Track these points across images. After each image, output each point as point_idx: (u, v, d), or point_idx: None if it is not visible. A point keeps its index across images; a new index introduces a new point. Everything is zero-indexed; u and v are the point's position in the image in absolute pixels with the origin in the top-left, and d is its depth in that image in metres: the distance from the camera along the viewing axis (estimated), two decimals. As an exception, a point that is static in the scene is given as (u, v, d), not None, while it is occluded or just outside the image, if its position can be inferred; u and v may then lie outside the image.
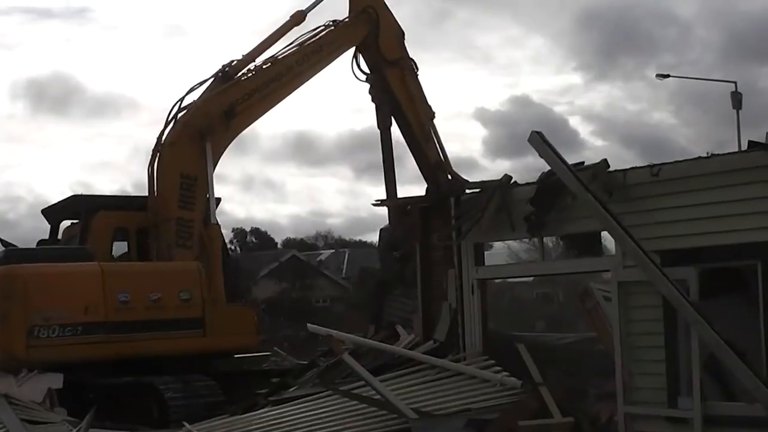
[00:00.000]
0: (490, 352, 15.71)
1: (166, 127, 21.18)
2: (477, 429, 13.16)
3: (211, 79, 21.47)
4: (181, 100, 21.27)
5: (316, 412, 14.55)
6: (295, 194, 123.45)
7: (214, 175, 21.19)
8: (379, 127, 22.60)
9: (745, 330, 12.07)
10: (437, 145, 22.92)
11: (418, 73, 23.11)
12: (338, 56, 22.71)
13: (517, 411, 13.55)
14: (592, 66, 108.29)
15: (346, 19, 22.69)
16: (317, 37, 22.38)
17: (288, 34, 22.35)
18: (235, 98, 21.38)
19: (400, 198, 17.78)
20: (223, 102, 21.26)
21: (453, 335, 16.16)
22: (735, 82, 45.92)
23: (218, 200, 22.06)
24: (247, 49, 22.01)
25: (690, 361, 12.25)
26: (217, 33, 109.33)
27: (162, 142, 21.08)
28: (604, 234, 14.04)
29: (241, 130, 22.08)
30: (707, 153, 12.98)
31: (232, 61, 21.60)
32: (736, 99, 44.88)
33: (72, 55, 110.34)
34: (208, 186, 20.92)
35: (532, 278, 25.62)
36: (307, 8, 22.90)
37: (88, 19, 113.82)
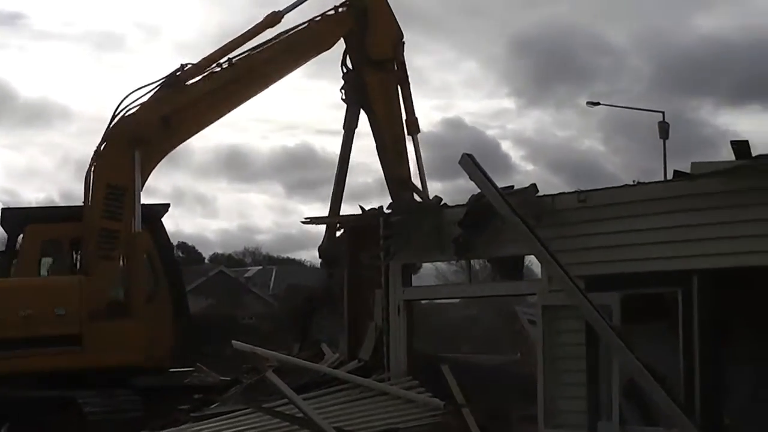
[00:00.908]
0: (415, 372, 15.78)
1: (108, 131, 20.56)
2: (399, 449, 13.19)
3: (159, 84, 20.29)
4: (119, 105, 20.11)
5: (239, 429, 14.50)
6: (224, 209, 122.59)
7: (145, 184, 20.70)
8: (343, 128, 20.63)
9: (665, 356, 12.27)
10: (410, 161, 20.74)
11: (408, 82, 20.91)
12: (313, 56, 20.86)
13: (439, 431, 13.63)
14: (524, 92, 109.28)
15: (326, 14, 20.64)
16: (288, 35, 20.52)
17: (260, 37, 20.56)
18: (177, 105, 20.20)
19: (329, 217, 17.78)
20: (160, 109, 20.15)
21: (378, 355, 16.19)
22: (663, 112, 46.60)
23: (167, 206, 21.68)
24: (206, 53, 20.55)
25: (611, 386, 12.42)
26: (152, 44, 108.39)
27: (97, 147, 20.59)
28: (531, 258, 14.21)
29: (185, 138, 20.99)
30: (633, 181, 13.20)
31: (185, 66, 20.32)
32: (663, 129, 45.54)
33: (4, 62, 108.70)
34: (135, 198, 20.37)
35: (459, 300, 25.70)
36: (284, 9, 20.79)
37: (20, 26, 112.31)
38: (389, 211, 16.26)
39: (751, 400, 12.98)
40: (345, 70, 20.63)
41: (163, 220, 21.57)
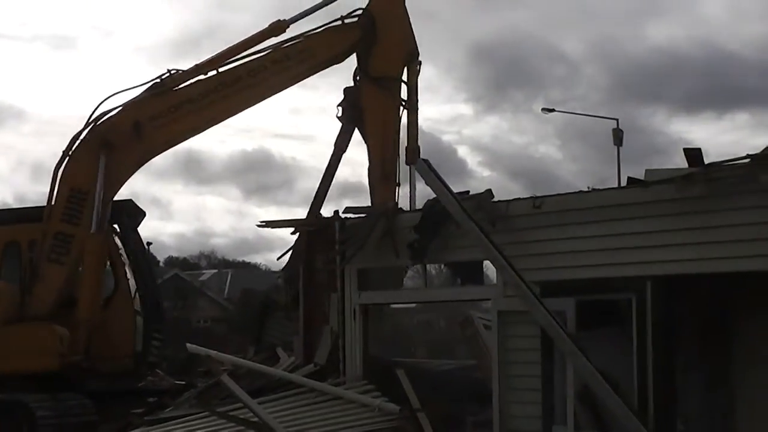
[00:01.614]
0: (371, 377, 15.75)
1: (79, 133, 20.11)
2: (354, 453, 13.15)
3: (144, 88, 19.49)
4: (98, 107, 19.57)
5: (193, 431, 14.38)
6: (180, 213, 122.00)
7: (117, 192, 20.21)
8: (333, 144, 19.20)
9: (619, 362, 12.33)
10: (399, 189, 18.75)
11: (417, 108, 19.06)
12: (312, 69, 19.30)
13: (394, 436, 13.60)
14: (481, 98, 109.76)
15: (330, 25, 19.14)
16: (286, 45, 19.18)
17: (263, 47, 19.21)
18: (154, 111, 19.37)
19: (285, 221, 17.68)
20: (135, 115, 19.42)
21: (334, 359, 16.14)
22: (617, 119, 46.95)
23: (143, 213, 21.39)
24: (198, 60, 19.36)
25: (565, 391, 12.45)
26: (107, 45, 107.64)
27: (66, 148, 20.14)
28: (487, 263, 14.23)
29: (158, 148, 19.92)
30: (588, 187, 13.28)
31: (172, 71, 19.44)
32: (617, 136, 45.90)
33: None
34: (95, 205, 19.89)
35: (414, 305, 25.69)
36: (290, 18, 19.29)
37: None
38: (345, 215, 16.23)
39: (701, 406, 13.06)
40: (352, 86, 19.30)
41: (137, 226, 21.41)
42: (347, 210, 16.41)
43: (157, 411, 16.78)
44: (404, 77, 19.01)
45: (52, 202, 19.94)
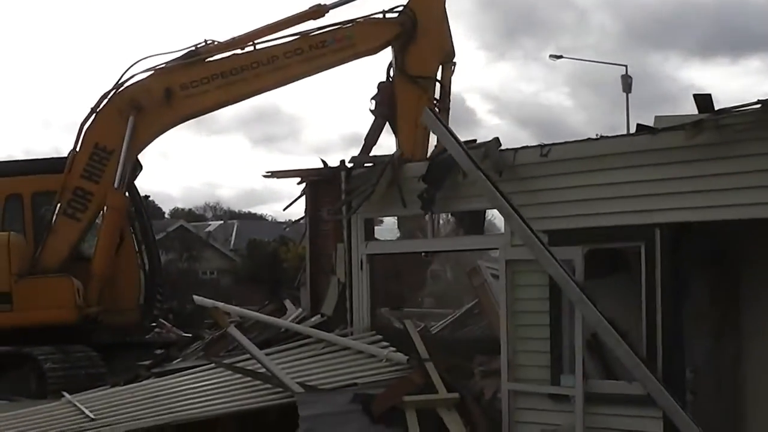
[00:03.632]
0: (378, 327, 15.82)
1: (109, 92, 20.25)
2: (362, 403, 13.23)
3: (177, 55, 19.88)
4: (129, 69, 20.06)
5: (200, 384, 14.46)
6: (186, 163, 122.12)
7: (140, 153, 20.35)
8: (364, 139, 19.81)
9: (628, 310, 12.36)
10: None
11: (448, 111, 19.58)
12: (347, 58, 19.72)
13: (402, 386, 13.66)
14: (493, 46, 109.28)
15: (371, 17, 19.66)
16: (322, 31, 19.69)
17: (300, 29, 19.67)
18: (186, 79, 19.76)
19: (290, 170, 17.69)
20: (168, 80, 19.83)
21: (341, 310, 16.21)
22: (625, 66, 46.83)
23: (140, 166, 21.48)
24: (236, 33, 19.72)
25: (573, 340, 12.49)
26: None
27: (95, 105, 20.27)
28: (494, 212, 14.22)
29: (186, 115, 20.31)
30: (597, 135, 13.18)
31: (208, 41, 19.86)
32: (626, 82, 45.77)
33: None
34: (120, 163, 19.99)
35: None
36: (331, 4, 19.82)
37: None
38: (351, 165, 16.20)
39: (710, 353, 13.11)
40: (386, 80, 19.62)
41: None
42: (354, 160, 16.40)
43: (164, 363, 16.91)
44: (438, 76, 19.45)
45: (74, 158, 20.09)
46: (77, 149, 20.07)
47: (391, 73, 19.82)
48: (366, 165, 16.06)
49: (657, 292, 11.95)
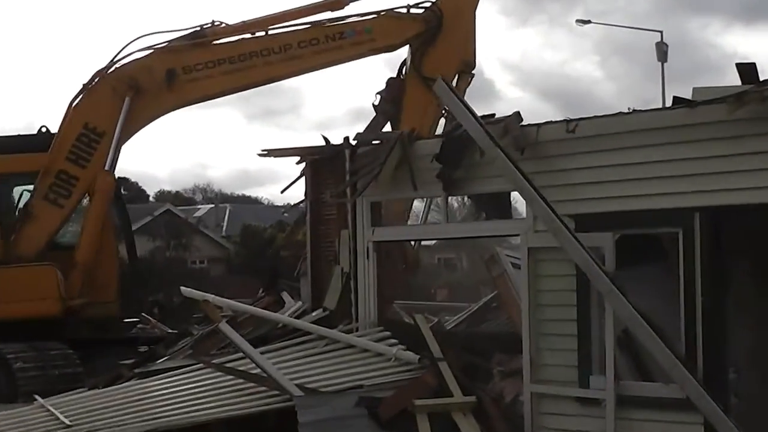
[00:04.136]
0: (386, 323, 15.83)
1: (104, 69, 20.26)
2: (368, 407, 13.20)
3: (179, 34, 20.08)
4: (127, 45, 20.18)
5: (188, 386, 14.48)
6: (173, 140, 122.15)
7: (132, 137, 20.41)
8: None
9: (664, 304, 12.33)
10: None
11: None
12: (364, 53, 20.29)
13: (413, 388, 13.65)
14: (514, 10, 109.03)
15: (393, 11, 20.05)
16: (341, 22, 20.10)
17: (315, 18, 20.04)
18: (191, 62, 20.01)
19: (289, 149, 17.68)
20: (171, 61, 20.03)
21: (345, 303, 16.21)
22: (661, 32, 46.56)
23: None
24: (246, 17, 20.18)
25: (603, 337, 12.48)
26: None
27: (88, 82, 20.27)
28: (515, 195, 14.20)
29: (188, 101, 20.56)
30: (629, 108, 13.14)
31: (215, 23, 20.12)
32: (661, 50, 45.57)
33: None
34: (111, 147, 20.04)
35: (434, 242, 25.75)
36: None
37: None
38: (356, 142, 16.19)
39: (754, 351, 13.07)
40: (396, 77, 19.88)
41: None
42: (359, 137, 16.39)
43: (148, 362, 16.93)
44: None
45: (59, 136, 20.09)
46: (62, 128, 20.07)
47: (404, 71, 20.11)
48: (373, 142, 16.04)
49: (696, 282, 11.92)
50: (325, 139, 17.16)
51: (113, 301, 21.23)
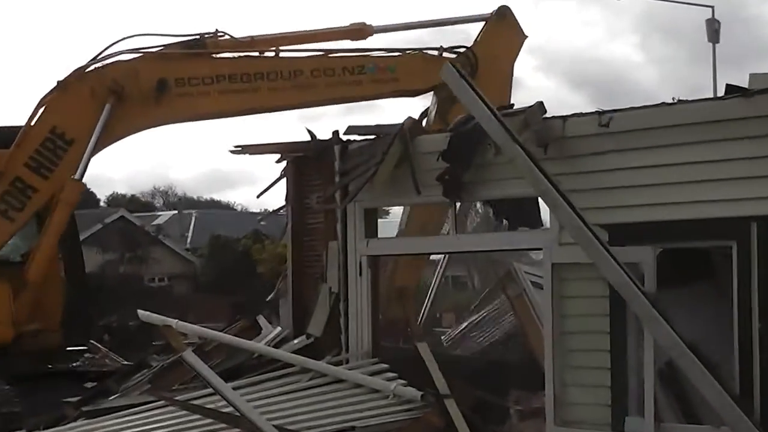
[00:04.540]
0: (383, 353, 15.83)
1: (83, 67, 20.18)
2: (361, 454, 13.26)
3: (176, 40, 20.20)
4: (114, 44, 20.04)
5: (146, 428, 14.48)
6: (130, 138, 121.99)
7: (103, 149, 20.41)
8: None
9: (714, 331, 12.35)
10: None
11: None
12: (384, 94, 20.94)
13: (414, 430, 13.67)
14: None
15: (425, 52, 20.87)
16: (362, 54, 20.71)
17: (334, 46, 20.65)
18: (185, 73, 20.09)
19: (267, 144, 17.70)
20: (163, 70, 20.05)
21: (333, 329, 16.23)
22: (712, 7, 46.55)
23: None
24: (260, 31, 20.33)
25: (642, 371, 12.49)
26: None
27: (63, 79, 20.19)
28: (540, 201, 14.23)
29: (180, 117, 20.67)
30: (673, 99, 13.18)
31: (219, 33, 20.33)
32: (713, 29, 45.51)
33: None
34: (82, 158, 19.98)
35: (444, 258, 25.72)
36: (378, 26, 20.98)
37: None
38: (347, 137, 16.21)
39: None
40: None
41: None
42: (351, 130, 16.40)
43: (98, 399, 16.92)
44: None
45: (22, 139, 20.01)
46: (27, 128, 20.02)
47: (425, 121, 20.25)
48: (367, 137, 16.06)
49: (753, 306, 11.94)
50: (311, 133, 17.18)
51: (57, 329, 21.21)
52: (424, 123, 19.97)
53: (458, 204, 15.58)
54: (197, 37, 20.17)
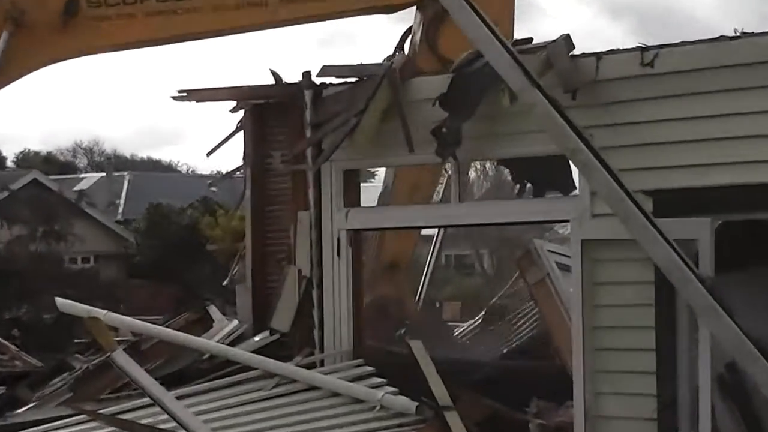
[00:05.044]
0: (367, 353, 15.85)
1: None
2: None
3: None
4: None
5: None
6: (45, 84, 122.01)
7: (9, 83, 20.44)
8: None
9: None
10: None
11: None
12: (354, 10, 20.40)
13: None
14: None
15: None
16: None
17: None
18: None
19: (219, 89, 17.66)
20: None
21: (304, 323, 16.28)
22: None
23: None
24: None
25: (695, 376, 12.51)
26: None
27: None
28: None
29: (96, 46, 20.53)
30: (735, 31, 13.14)
31: None
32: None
33: None
34: None
35: (439, 231, 25.78)
36: None
37: None
38: (322, 80, 16.18)
39: None
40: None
41: None
42: (326, 71, 16.38)
43: (3, 411, 16.93)
44: None
45: None
46: None
47: (407, 45, 20.15)
48: (346, 80, 16.03)
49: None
50: (275, 74, 17.16)
51: None
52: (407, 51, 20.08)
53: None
54: None
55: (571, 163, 14.80)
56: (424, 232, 22.91)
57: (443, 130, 14.42)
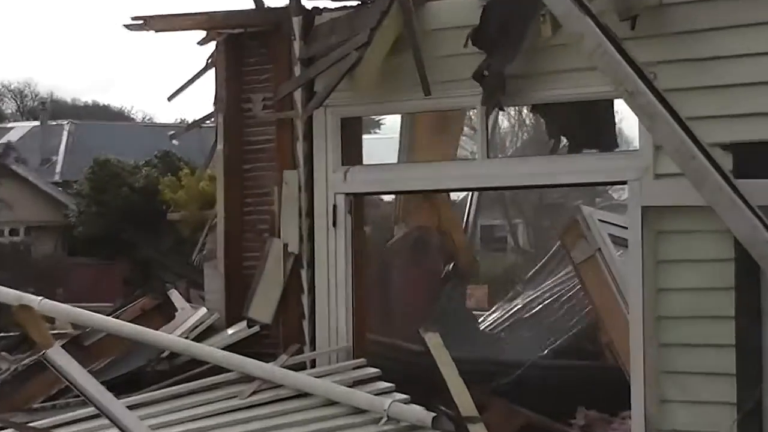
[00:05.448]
0: (371, 349, 15.92)
1: None
2: None
3: None
4: None
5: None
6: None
7: None
8: None
9: None
10: None
11: None
12: None
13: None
14: None
15: None
16: None
17: None
18: None
19: (183, 15, 17.64)
20: None
21: (291, 313, 16.32)
22: None
23: None
24: None
25: (786, 377, 12.58)
26: None
27: None
28: (622, 108, 14.21)
29: None
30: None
31: None
32: None
33: None
34: None
35: (462, 195, 25.89)
36: None
37: None
38: (316, 3, 16.24)
39: None
40: None
41: None
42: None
43: None
44: None
45: None
46: None
47: None
48: (346, 4, 16.05)
49: None
50: (256, -3, 17.19)
51: None
52: None
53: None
54: None
55: (615, 115, 14.88)
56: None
57: (485, 74, 14.43)
